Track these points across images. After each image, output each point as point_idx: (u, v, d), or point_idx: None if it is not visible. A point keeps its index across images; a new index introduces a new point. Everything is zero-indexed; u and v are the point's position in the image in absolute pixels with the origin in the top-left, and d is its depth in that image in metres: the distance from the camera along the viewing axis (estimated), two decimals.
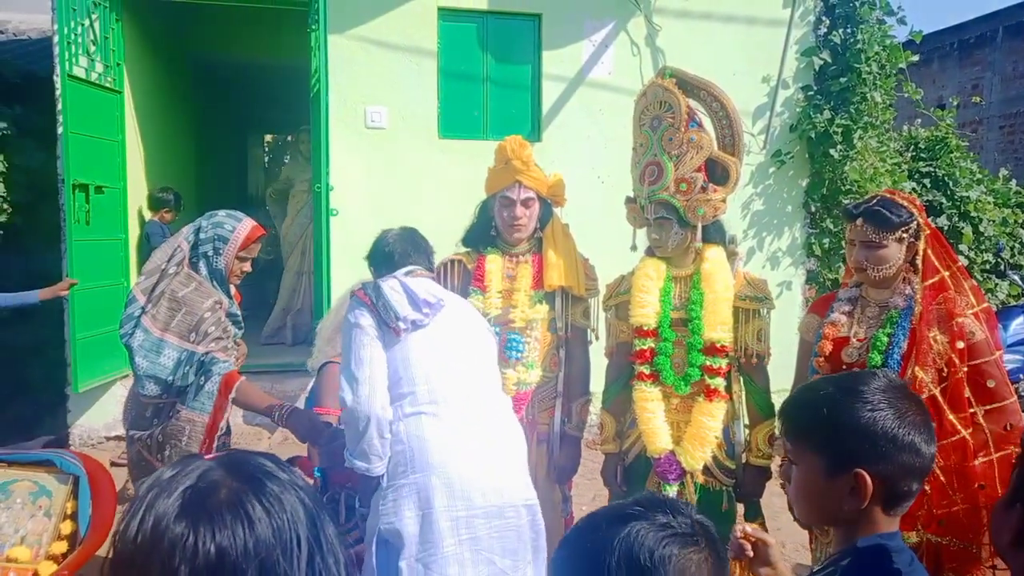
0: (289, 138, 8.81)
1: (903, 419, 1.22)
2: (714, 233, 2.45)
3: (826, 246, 5.99)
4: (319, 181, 5.03)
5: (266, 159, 11.40)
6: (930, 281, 2.18)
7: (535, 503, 2.12)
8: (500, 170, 2.72)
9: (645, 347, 2.44)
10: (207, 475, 0.76)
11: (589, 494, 4.08)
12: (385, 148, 5.31)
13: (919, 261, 2.20)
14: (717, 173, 2.42)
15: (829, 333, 2.34)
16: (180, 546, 0.70)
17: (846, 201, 5.42)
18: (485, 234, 2.78)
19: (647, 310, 2.43)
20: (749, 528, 1.44)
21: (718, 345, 2.36)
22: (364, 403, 2.00)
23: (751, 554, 1.41)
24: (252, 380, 2.56)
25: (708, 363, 2.38)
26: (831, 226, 5.91)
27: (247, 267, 2.64)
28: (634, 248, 2.66)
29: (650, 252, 2.54)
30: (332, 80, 5.00)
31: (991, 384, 2.16)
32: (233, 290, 2.75)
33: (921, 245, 2.20)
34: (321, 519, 0.77)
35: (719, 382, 2.38)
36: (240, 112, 9.50)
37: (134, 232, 5.60)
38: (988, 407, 2.16)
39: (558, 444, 2.71)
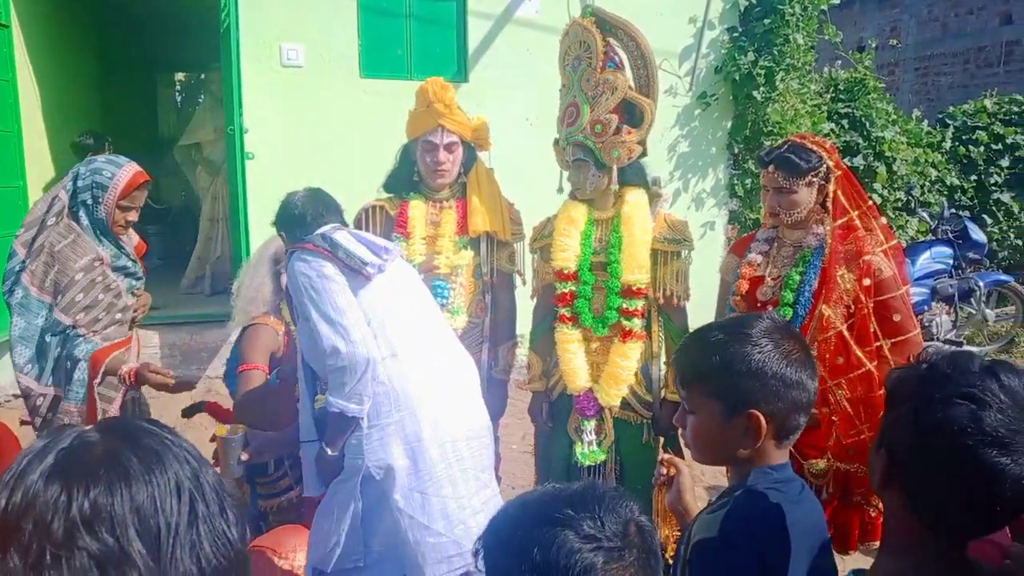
0: (202, 77, 8.35)
1: (789, 358, 1.27)
2: (632, 175, 2.45)
3: (748, 186, 6.13)
4: (232, 123, 4.79)
5: (179, 99, 10.79)
6: (840, 222, 2.24)
7: (490, 424, 2.34)
8: (422, 113, 2.64)
9: (566, 290, 2.47)
10: (82, 436, 0.75)
11: (519, 433, 4.14)
12: (303, 88, 5.09)
13: (830, 203, 2.26)
14: (636, 115, 2.41)
15: (746, 273, 2.40)
16: (52, 503, 0.69)
17: (767, 142, 5.52)
18: (407, 179, 2.71)
19: (567, 253, 2.45)
20: (666, 456, 1.56)
21: (635, 288, 2.40)
22: (361, 346, 2.03)
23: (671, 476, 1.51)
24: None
25: (625, 305, 2.41)
26: (753, 167, 6.03)
27: (132, 216, 2.47)
28: (560, 191, 2.64)
29: (573, 195, 2.53)
30: (243, 15, 4.72)
31: (897, 318, 2.26)
32: (137, 239, 2.60)
33: (831, 187, 2.26)
34: (204, 471, 0.77)
35: (635, 323, 2.43)
36: (149, 50, 8.91)
37: (34, 179, 5.24)
38: (894, 340, 2.26)
39: (485, 388, 2.73)
